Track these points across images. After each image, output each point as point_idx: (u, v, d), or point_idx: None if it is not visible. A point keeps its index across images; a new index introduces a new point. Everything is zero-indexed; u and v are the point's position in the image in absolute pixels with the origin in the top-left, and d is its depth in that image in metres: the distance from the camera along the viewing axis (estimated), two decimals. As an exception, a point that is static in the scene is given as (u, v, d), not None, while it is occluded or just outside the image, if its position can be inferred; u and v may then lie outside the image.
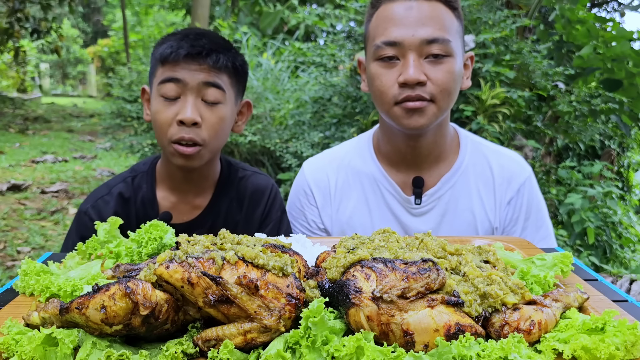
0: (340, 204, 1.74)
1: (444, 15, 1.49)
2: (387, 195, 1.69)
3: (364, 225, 1.70)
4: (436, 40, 1.45)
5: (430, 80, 1.47)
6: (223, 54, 1.55)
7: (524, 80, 4.07)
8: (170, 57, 1.50)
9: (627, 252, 4.56)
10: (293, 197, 1.84)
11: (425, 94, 1.47)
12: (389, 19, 1.50)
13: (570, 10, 4.63)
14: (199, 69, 1.50)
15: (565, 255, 1.02)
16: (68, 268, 1.08)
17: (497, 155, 1.72)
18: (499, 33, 3.89)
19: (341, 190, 1.74)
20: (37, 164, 8.60)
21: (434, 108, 1.50)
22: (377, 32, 1.52)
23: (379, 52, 1.50)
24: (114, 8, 24.49)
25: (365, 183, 1.72)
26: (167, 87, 1.50)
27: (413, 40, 1.46)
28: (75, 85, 27.84)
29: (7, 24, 10.91)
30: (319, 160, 1.84)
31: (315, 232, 1.78)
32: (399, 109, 1.50)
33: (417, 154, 1.64)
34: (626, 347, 0.72)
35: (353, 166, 1.75)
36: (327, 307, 0.79)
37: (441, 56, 1.47)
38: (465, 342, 0.71)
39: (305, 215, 1.79)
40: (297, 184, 1.84)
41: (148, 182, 1.66)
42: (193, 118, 1.48)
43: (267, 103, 5.06)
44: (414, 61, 1.45)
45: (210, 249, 0.82)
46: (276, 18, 10.01)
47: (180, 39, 1.54)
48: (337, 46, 4.87)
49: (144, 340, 0.81)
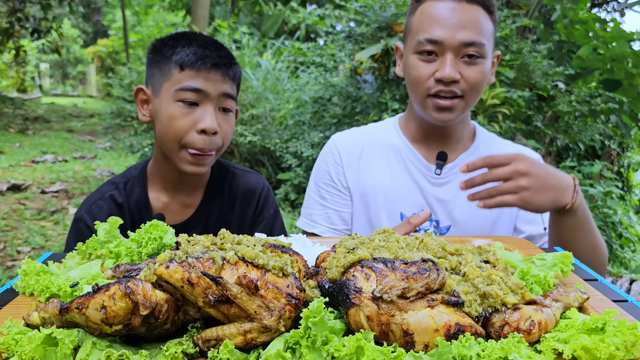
0: (364, 167, 1.84)
1: (482, 19, 1.61)
2: (409, 164, 1.80)
3: (384, 187, 1.79)
4: (473, 44, 1.58)
5: (464, 79, 1.60)
6: (237, 66, 1.62)
7: (524, 80, 4.08)
8: (196, 64, 1.51)
9: (627, 252, 4.57)
10: (320, 161, 1.93)
11: (457, 90, 1.61)
12: (433, 17, 1.61)
13: (572, 10, 4.63)
14: (221, 79, 1.54)
15: (565, 255, 1.02)
16: (68, 268, 1.08)
17: (509, 145, 1.89)
18: (499, 33, 3.90)
19: (366, 156, 1.85)
20: (37, 164, 8.60)
21: (463, 104, 1.65)
22: (420, 28, 1.64)
23: (420, 46, 1.62)
24: (114, 8, 24.51)
25: (390, 153, 1.83)
26: (187, 94, 1.51)
27: (453, 42, 1.58)
28: (75, 85, 27.85)
29: (7, 24, 10.92)
30: (347, 132, 1.97)
31: (340, 191, 1.85)
32: (431, 101, 1.64)
33: (442, 134, 1.78)
34: (626, 347, 0.72)
35: (379, 139, 1.87)
36: (327, 307, 0.79)
37: (475, 57, 1.60)
38: (465, 342, 0.71)
39: (331, 174, 1.86)
40: (324, 150, 1.93)
41: (140, 185, 1.66)
42: (215, 128, 1.52)
43: (267, 103, 5.06)
44: (450, 60, 1.58)
45: (210, 249, 0.82)
46: (278, 21, 10.03)
47: (203, 47, 1.54)
48: (337, 46, 4.87)
49: (144, 340, 0.81)
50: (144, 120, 1.63)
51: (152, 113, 1.61)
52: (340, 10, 5.01)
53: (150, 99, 1.61)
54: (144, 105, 1.63)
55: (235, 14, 11.74)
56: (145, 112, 1.63)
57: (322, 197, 1.85)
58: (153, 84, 1.59)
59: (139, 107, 1.65)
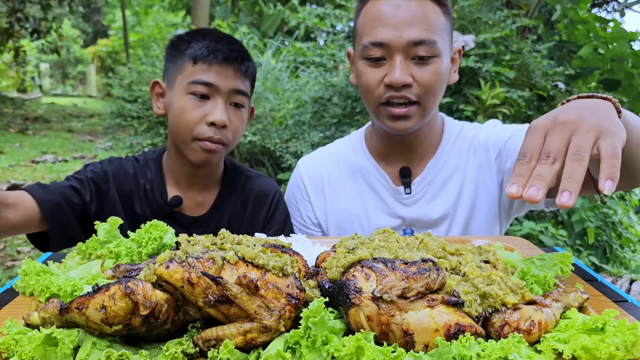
0: (334, 198, 1.77)
1: (432, 13, 1.48)
2: (379, 187, 1.71)
3: (359, 217, 1.72)
4: (422, 42, 1.45)
5: (417, 82, 1.48)
6: (250, 62, 1.63)
7: (524, 80, 4.07)
8: (207, 58, 1.53)
9: (627, 252, 4.56)
10: (288, 193, 1.88)
11: (411, 95, 1.49)
12: (376, 18, 1.48)
13: (573, 10, 4.63)
14: (232, 74, 1.56)
15: (565, 255, 1.02)
16: (68, 268, 1.08)
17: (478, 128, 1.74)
18: (499, 33, 3.90)
19: (335, 184, 1.77)
20: (37, 164, 8.60)
21: (419, 110, 1.52)
22: (364, 31, 1.52)
23: (366, 51, 1.51)
24: (114, 8, 24.51)
25: (358, 176, 1.75)
26: (198, 88, 1.54)
27: (399, 42, 1.45)
28: (75, 85, 27.85)
29: (7, 24, 10.92)
30: (313, 157, 1.87)
31: (310, 228, 1.80)
32: (384, 110, 1.53)
33: (406, 147, 1.67)
34: (626, 347, 0.72)
35: (346, 160, 1.78)
36: (327, 307, 0.79)
37: (427, 57, 1.47)
38: (465, 342, 0.71)
39: (300, 210, 1.81)
40: (292, 181, 1.87)
41: (157, 168, 1.70)
42: (225, 121, 1.54)
43: (267, 103, 5.06)
44: (400, 63, 1.46)
45: (210, 249, 0.82)
46: (277, 20, 10.03)
47: (216, 41, 1.56)
48: (337, 46, 4.87)
49: (144, 340, 0.81)
50: (158, 112, 1.67)
51: (166, 106, 1.64)
52: (340, 10, 5.00)
53: (165, 92, 1.65)
54: (159, 99, 1.68)
55: (235, 14, 11.74)
56: (160, 105, 1.67)
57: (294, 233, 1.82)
58: (168, 78, 1.63)
59: (154, 99, 1.69)
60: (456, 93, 4.03)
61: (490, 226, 1.68)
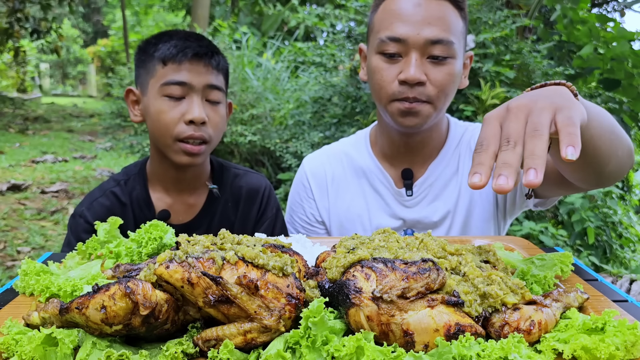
0: (337, 196, 1.77)
1: (450, 15, 1.48)
2: (381, 188, 1.71)
3: (361, 217, 1.72)
4: (440, 42, 1.45)
5: (430, 81, 1.48)
6: (220, 56, 1.61)
7: (524, 80, 4.07)
8: (177, 57, 1.52)
9: (627, 252, 4.56)
10: (293, 191, 1.88)
11: (422, 95, 1.48)
12: (396, 13, 1.48)
13: (572, 10, 4.63)
14: (204, 70, 1.54)
15: (565, 255, 1.02)
16: (68, 268, 1.08)
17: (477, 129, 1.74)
18: (499, 33, 3.90)
19: (338, 182, 1.77)
20: (37, 164, 8.60)
21: (430, 108, 1.52)
22: (382, 25, 1.51)
23: (382, 46, 1.50)
24: (114, 8, 24.51)
25: (362, 176, 1.75)
26: (172, 89, 1.52)
27: (417, 39, 1.45)
28: (75, 85, 27.84)
29: (7, 24, 10.92)
30: (317, 155, 1.88)
31: (314, 226, 1.81)
32: (395, 105, 1.52)
33: (410, 148, 1.67)
34: (626, 347, 0.72)
35: (350, 159, 1.78)
36: (327, 307, 0.79)
37: (443, 57, 1.47)
38: (465, 342, 0.71)
39: (304, 208, 1.82)
40: (297, 179, 1.87)
41: (140, 183, 1.67)
42: (203, 117, 1.52)
43: (267, 103, 5.06)
44: (416, 60, 1.46)
45: (210, 249, 0.82)
46: (277, 20, 10.04)
47: (183, 39, 1.56)
48: (337, 46, 4.87)
49: (144, 340, 0.81)
50: (135, 120, 1.66)
51: (143, 112, 1.63)
52: (340, 10, 5.00)
53: (139, 99, 1.63)
54: (135, 106, 1.66)
55: (235, 14, 11.74)
56: (137, 112, 1.66)
57: (297, 231, 1.83)
58: (141, 83, 1.61)
59: (130, 108, 1.68)
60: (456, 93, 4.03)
61: (487, 226, 1.69)
